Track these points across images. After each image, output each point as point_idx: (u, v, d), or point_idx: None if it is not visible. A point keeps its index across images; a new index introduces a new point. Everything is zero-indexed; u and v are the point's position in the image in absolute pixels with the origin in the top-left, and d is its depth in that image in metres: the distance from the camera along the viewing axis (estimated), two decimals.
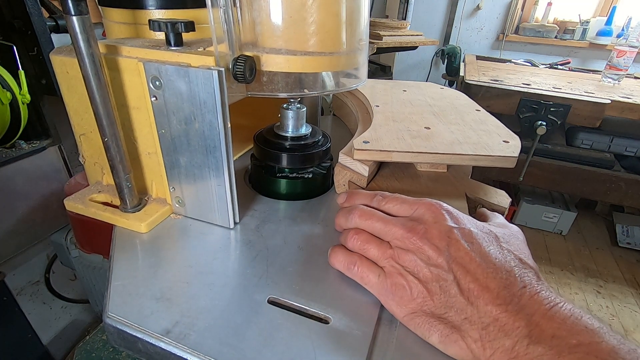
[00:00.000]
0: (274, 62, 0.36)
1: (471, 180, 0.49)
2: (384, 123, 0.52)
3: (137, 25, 0.41)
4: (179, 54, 0.34)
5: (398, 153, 0.44)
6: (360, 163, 0.45)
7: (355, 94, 0.68)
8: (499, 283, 0.26)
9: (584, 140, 1.43)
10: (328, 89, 0.42)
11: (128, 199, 0.41)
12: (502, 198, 0.45)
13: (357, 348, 0.29)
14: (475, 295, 0.27)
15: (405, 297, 0.30)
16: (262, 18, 0.35)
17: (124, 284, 0.33)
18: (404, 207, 0.34)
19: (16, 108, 0.70)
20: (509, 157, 0.44)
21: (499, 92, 1.33)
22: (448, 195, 0.45)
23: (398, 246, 0.31)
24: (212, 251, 0.38)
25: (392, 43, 1.42)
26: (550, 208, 1.88)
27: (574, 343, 0.23)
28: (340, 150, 0.47)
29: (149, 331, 0.29)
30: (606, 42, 2.02)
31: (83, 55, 0.31)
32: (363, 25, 0.40)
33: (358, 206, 0.36)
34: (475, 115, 0.57)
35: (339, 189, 0.48)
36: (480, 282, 0.27)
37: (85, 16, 0.30)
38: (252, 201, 0.47)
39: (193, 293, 0.33)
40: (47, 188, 0.86)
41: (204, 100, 0.33)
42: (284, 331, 0.30)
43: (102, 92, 0.34)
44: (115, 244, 0.38)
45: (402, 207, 0.34)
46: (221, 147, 0.36)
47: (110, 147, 0.37)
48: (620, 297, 1.57)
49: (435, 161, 0.45)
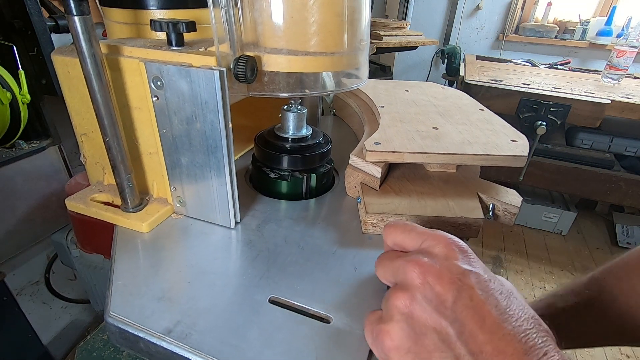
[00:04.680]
0: (275, 62, 0.36)
1: (482, 180, 0.49)
2: (392, 124, 0.51)
3: (139, 25, 0.41)
4: (181, 54, 0.34)
5: (410, 154, 0.44)
6: (372, 165, 0.45)
7: (358, 94, 0.68)
8: (518, 347, 0.21)
9: (584, 140, 1.43)
10: (329, 89, 0.42)
11: (129, 198, 0.41)
12: (514, 197, 0.45)
13: (358, 347, 0.29)
14: (488, 358, 0.21)
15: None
16: (264, 18, 0.35)
17: (126, 283, 0.33)
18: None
19: (16, 108, 0.70)
20: (519, 156, 0.44)
21: (499, 92, 1.33)
22: (460, 196, 0.45)
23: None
24: (213, 251, 0.38)
25: (392, 43, 1.42)
26: (550, 208, 1.88)
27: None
28: (343, 150, 0.47)
29: (150, 330, 0.29)
30: (606, 42, 2.02)
31: (85, 55, 0.32)
32: (364, 25, 0.40)
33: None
34: (480, 114, 0.57)
35: (350, 190, 0.48)
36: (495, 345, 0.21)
37: (87, 16, 0.30)
38: (253, 201, 0.47)
39: (194, 293, 0.33)
40: (47, 188, 0.86)
41: (205, 100, 0.33)
42: (285, 331, 0.30)
43: (104, 92, 0.34)
44: (116, 244, 0.39)
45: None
46: (222, 147, 0.36)
47: (111, 147, 0.37)
48: None
49: (447, 162, 0.45)
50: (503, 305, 0.22)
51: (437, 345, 0.23)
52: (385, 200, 0.43)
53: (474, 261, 0.25)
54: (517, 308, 0.23)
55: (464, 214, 0.41)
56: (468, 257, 0.25)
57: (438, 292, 0.23)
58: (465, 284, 0.23)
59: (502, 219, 0.45)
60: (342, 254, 0.38)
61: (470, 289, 0.23)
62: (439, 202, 0.43)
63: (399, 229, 0.29)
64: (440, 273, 0.24)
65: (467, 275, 0.23)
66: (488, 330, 0.21)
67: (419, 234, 0.27)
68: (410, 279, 0.24)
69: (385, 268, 0.27)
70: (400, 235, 0.28)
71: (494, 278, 0.24)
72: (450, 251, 0.25)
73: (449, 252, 0.25)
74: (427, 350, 0.23)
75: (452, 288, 0.23)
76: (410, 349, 0.24)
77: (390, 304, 0.25)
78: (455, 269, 0.24)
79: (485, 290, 0.23)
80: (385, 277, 0.27)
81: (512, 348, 0.21)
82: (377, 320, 0.26)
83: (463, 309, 0.22)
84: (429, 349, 0.23)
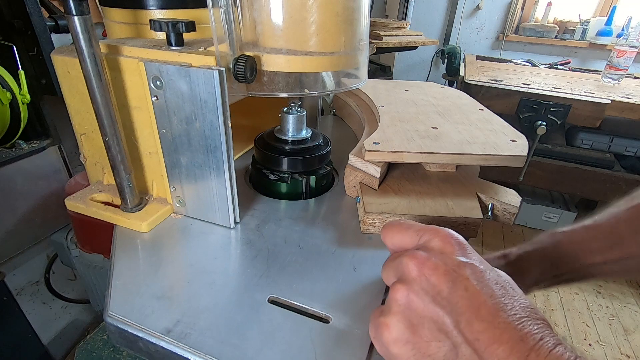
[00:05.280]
0: (274, 62, 0.36)
1: (480, 179, 0.49)
2: (391, 124, 0.52)
3: (138, 25, 0.41)
4: (180, 54, 0.34)
5: (409, 154, 0.44)
6: (371, 164, 0.45)
7: (358, 94, 0.68)
8: (513, 335, 0.21)
9: (584, 140, 1.42)
10: (328, 89, 0.42)
11: (129, 198, 0.41)
12: (513, 197, 0.45)
13: (357, 347, 0.29)
14: (484, 346, 0.22)
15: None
16: (263, 18, 0.35)
17: (125, 283, 0.33)
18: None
19: (16, 108, 0.70)
20: (518, 156, 0.44)
21: (499, 92, 1.33)
22: (459, 195, 0.45)
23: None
24: (212, 250, 0.38)
25: (392, 43, 1.42)
26: (550, 208, 1.88)
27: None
28: (342, 150, 0.47)
29: (150, 330, 0.29)
30: (606, 42, 2.02)
31: (84, 55, 0.32)
32: (363, 25, 0.40)
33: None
34: (479, 114, 0.57)
35: (349, 190, 0.48)
36: (490, 332, 0.22)
37: (87, 16, 0.30)
38: (253, 201, 0.47)
39: (194, 292, 0.33)
40: (47, 188, 0.86)
41: (204, 100, 0.33)
42: (284, 330, 0.30)
43: (103, 91, 0.34)
44: (116, 244, 0.39)
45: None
46: (222, 147, 0.36)
47: (111, 146, 0.37)
48: (620, 297, 1.57)
49: (447, 161, 0.45)
50: (498, 295, 0.23)
51: (434, 334, 0.24)
52: (384, 200, 0.43)
53: (470, 253, 0.25)
54: (512, 298, 0.23)
55: (463, 213, 0.41)
56: (464, 250, 0.25)
57: (434, 283, 0.24)
58: (460, 275, 0.24)
59: (501, 218, 0.45)
60: (342, 254, 0.38)
61: (465, 280, 0.23)
62: (438, 201, 0.43)
63: (395, 230, 0.29)
64: (436, 265, 0.24)
65: (462, 267, 0.24)
66: (484, 319, 0.22)
67: (416, 230, 0.28)
68: (408, 272, 0.25)
69: (388, 269, 0.28)
70: (397, 236, 0.29)
71: (490, 269, 0.25)
72: (447, 244, 0.26)
73: (445, 245, 0.26)
74: (425, 340, 0.24)
75: (448, 279, 0.24)
76: (409, 340, 0.24)
77: (389, 297, 0.26)
78: (450, 261, 0.24)
79: (481, 281, 0.23)
80: (388, 279, 0.28)
81: (508, 335, 0.21)
82: (379, 315, 0.26)
83: (458, 299, 0.23)
84: (427, 338, 0.24)
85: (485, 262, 0.26)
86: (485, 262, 0.25)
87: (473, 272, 0.24)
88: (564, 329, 1.38)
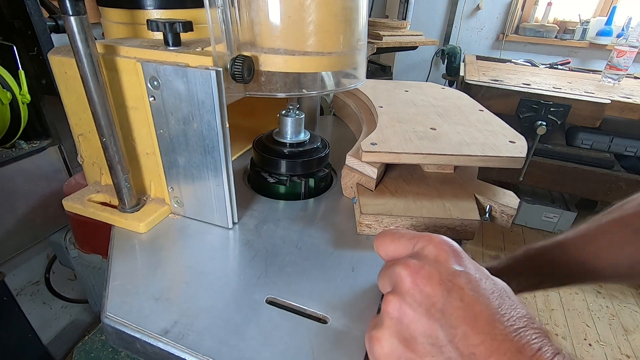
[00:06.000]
0: (272, 62, 0.36)
1: (479, 181, 0.48)
2: (390, 124, 0.51)
3: (136, 25, 0.41)
4: (177, 54, 0.34)
5: (407, 155, 0.44)
6: (368, 165, 0.44)
7: (357, 94, 0.68)
8: (511, 346, 0.21)
9: (584, 140, 1.42)
10: (326, 89, 0.42)
11: (126, 199, 0.41)
12: (511, 199, 0.44)
13: (355, 347, 0.29)
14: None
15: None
16: (261, 18, 0.35)
17: (123, 283, 0.33)
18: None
19: (16, 108, 0.70)
20: (517, 157, 0.44)
21: (499, 92, 1.32)
22: (457, 197, 0.44)
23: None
24: (210, 251, 0.38)
25: (392, 43, 1.42)
26: (550, 208, 1.88)
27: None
28: (341, 150, 0.47)
29: (147, 331, 0.29)
30: (606, 42, 2.02)
31: (81, 55, 0.32)
32: (361, 25, 0.40)
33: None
34: (479, 115, 0.57)
35: (346, 191, 0.48)
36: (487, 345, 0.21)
37: (83, 16, 0.30)
38: (251, 201, 0.47)
39: (192, 293, 0.33)
40: (47, 188, 0.86)
41: (202, 100, 0.33)
42: (282, 331, 0.30)
43: (100, 92, 0.34)
44: (113, 244, 0.38)
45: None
46: (219, 147, 0.36)
47: (108, 147, 0.37)
48: (620, 297, 1.57)
49: (444, 162, 0.45)
50: (495, 304, 0.22)
51: (427, 349, 0.23)
52: (381, 201, 0.43)
53: (465, 260, 0.25)
54: (509, 307, 0.22)
55: (460, 215, 0.41)
56: (459, 257, 0.25)
57: (428, 294, 0.23)
58: (455, 284, 0.23)
59: (498, 220, 0.45)
60: (340, 254, 0.38)
61: (460, 290, 0.22)
62: (435, 203, 0.43)
63: (387, 239, 0.28)
64: (430, 274, 0.23)
65: (457, 276, 0.23)
66: (481, 330, 0.21)
67: (409, 239, 0.27)
68: (401, 282, 0.24)
69: (383, 278, 0.27)
70: (391, 245, 0.28)
71: (486, 277, 0.24)
72: (441, 252, 0.25)
73: (439, 253, 0.25)
74: (418, 355, 0.23)
75: (442, 289, 0.23)
76: (401, 355, 0.24)
77: (382, 309, 0.25)
78: (444, 270, 0.23)
79: (476, 290, 0.23)
80: (384, 288, 0.27)
81: (506, 347, 0.21)
82: (372, 327, 0.26)
83: (454, 310, 0.22)
84: (420, 353, 0.23)
85: (481, 269, 0.25)
86: (480, 269, 0.25)
87: (468, 281, 0.23)
88: (564, 329, 1.38)
